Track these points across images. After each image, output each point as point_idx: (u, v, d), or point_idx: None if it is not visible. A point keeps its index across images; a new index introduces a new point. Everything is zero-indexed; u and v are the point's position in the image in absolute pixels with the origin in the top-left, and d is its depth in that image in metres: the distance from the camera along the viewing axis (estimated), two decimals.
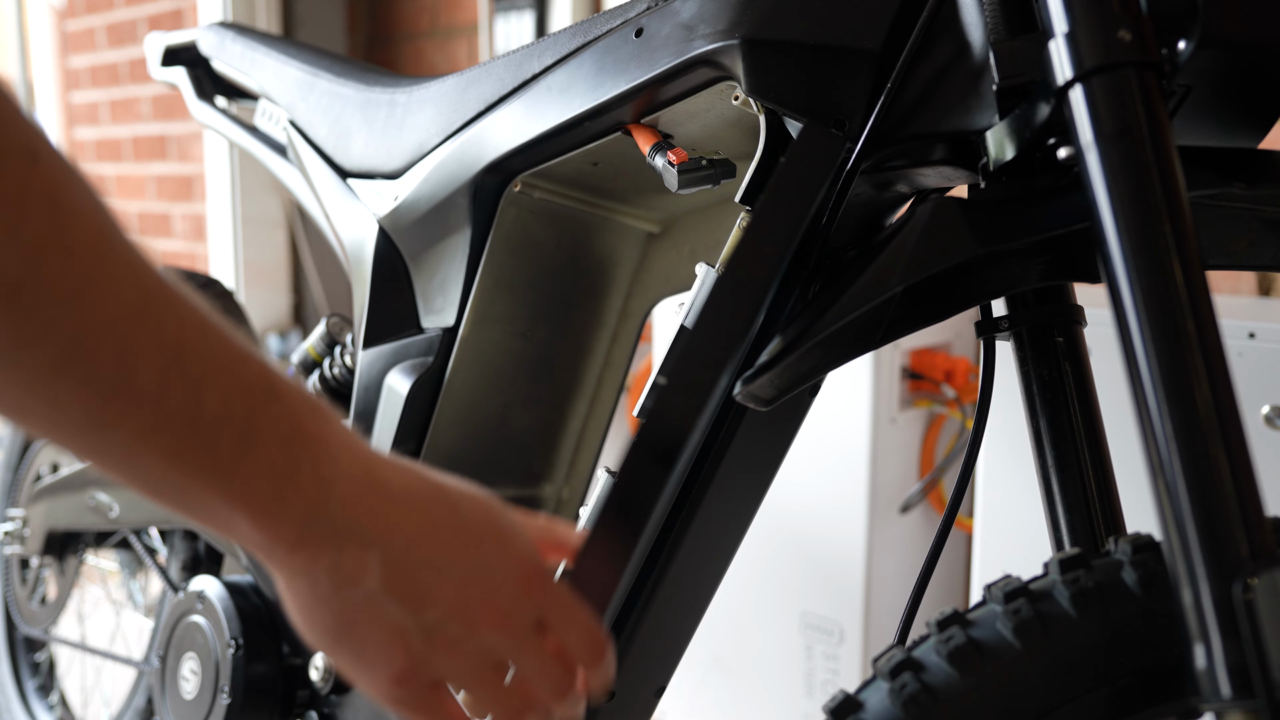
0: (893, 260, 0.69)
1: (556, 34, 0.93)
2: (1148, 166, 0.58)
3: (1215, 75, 0.67)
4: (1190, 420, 0.55)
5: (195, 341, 0.42)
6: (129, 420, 0.40)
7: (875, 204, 0.83)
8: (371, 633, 0.49)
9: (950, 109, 0.72)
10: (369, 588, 0.48)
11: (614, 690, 0.87)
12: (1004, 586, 0.61)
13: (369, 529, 0.47)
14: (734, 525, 0.88)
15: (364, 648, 0.49)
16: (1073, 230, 0.68)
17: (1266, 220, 0.69)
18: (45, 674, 1.87)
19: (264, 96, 1.27)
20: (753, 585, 1.86)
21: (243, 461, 0.43)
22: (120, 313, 0.39)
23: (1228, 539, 0.53)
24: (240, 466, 0.43)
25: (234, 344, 0.44)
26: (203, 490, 0.43)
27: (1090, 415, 0.76)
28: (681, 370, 0.78)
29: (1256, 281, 1.67)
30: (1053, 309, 0.77)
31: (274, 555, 0.47)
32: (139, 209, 3.60)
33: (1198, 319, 0.56)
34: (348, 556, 0.47)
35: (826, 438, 1.75)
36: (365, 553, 0.47)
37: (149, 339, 0.40)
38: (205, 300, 0.44)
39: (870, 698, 0.61)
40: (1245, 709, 0.52)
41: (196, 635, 1.11)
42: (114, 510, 1.38)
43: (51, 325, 0.38)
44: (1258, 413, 1.24)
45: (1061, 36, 0.61)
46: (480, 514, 0.52)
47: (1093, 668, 0.58)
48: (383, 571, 0.47)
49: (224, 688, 1.06)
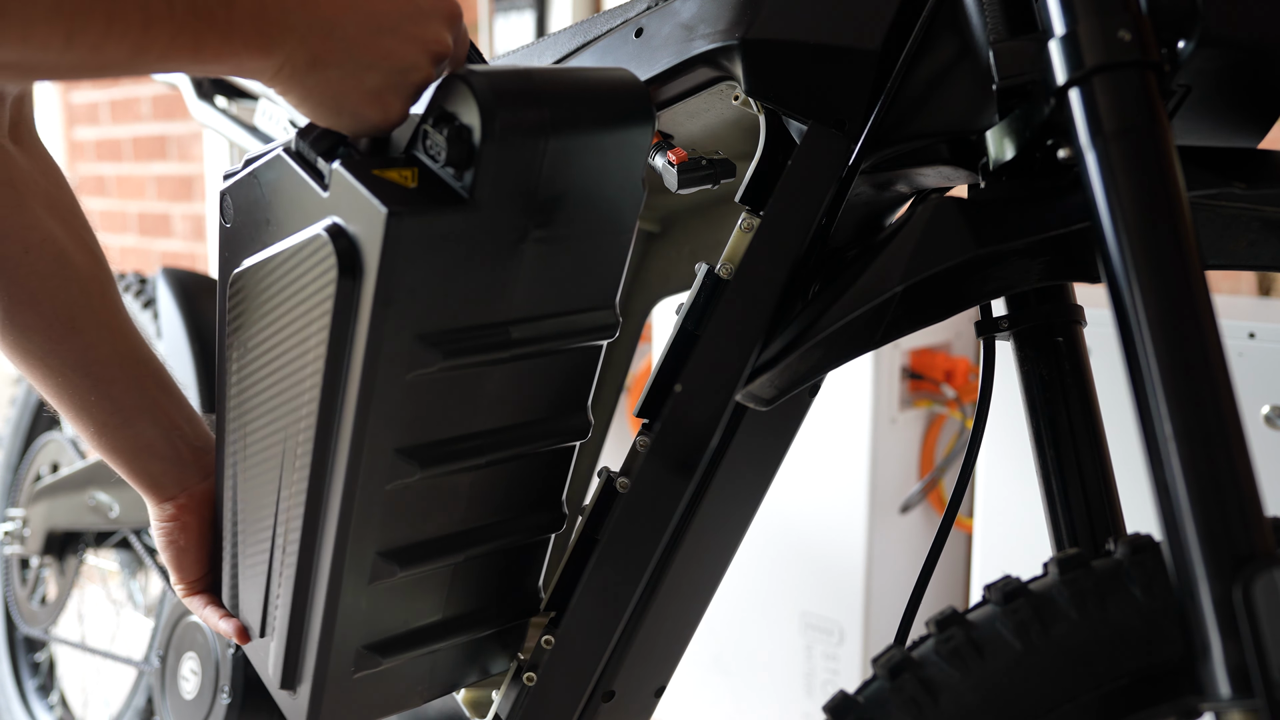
0: (893, 260, 0.69)
1: (556, 34, 0.93)
2: (1147, 166, 0.58)
3: (1215, 75, 0.67)
4: (1190, 420, 0.55)
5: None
6: (159, 38, 0.59)
7: (875, 204, 0.83)
8: (354, 86, 0.67)
9: (950, 109, 0.72)
10: (335, 60, 0.65)
11: (614, 690, 0.87)
12: (1004, 587, 0.61)
13: (314, 17, 0.64)
14: (734, 525, 0.89)
15: (359, 102, 0.67)
16: (1072, 230, 0.68)
17: (1266, 220, 0.69)
18: (45, 674, 1.88)
19: (264, 96, 1.27)
20: (753, 585, 1.86)
21: (234, 19, 0.61)
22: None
23: (1227, 539, 0.53)
24: (234, 25, 0.61)
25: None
26: (216, 52, 0.61)
27: (1090, 415, 0.76)
28: (697, 377, 0.78)
29: (1256, 281, 1.67)
30: (1053, 309, 0.77)
31: (277, 78, 0.64)
32: (139, 209, 3.60)
33: (1198, 319, 0.56)
34: (312, 41, 0.64)
35: (826, 438, 1.75)
36: (326, 33, 0.65)
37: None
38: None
39: (870, 698, 0.61)
40: (1245, 709, 0.52)
41: (196, 635, 1.11)
42: (114, 510, 1.38)
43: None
44: (1258, 413, 1.24)
45: (1061, 36, 0.61)
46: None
47: (1093, 668, 0.58)
48: (334, 45, 0.65)
49: (224, 688, 1.06)
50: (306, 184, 0.69)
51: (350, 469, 0.70)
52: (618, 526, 0.81)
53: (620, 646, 0.84)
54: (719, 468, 0.80)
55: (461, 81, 0.66)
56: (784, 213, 0.76)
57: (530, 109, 0.67)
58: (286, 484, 0.75)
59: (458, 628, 0.84)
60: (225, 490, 0.82)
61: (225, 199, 0.77)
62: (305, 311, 0.69)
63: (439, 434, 0.73)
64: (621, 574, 0.82)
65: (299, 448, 0.73)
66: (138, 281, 1.70)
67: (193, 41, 0.60)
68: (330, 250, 0.66)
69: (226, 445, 0.81)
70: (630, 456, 0.81)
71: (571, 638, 0.83)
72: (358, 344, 0.68)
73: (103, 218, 3.68)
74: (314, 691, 0.79)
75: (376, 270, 0.65)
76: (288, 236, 0.70)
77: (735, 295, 0.77)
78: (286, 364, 0.73)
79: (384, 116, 0.68)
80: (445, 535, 0.79)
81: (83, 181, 3.77)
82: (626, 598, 0.82)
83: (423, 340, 0.68)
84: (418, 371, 0.69)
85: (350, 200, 0.66)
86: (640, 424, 0.82)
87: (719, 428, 0.78)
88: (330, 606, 0.76)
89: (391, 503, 0.74)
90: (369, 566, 0.75)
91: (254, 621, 0.82)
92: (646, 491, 0.80)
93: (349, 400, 0.69)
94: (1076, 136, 0.60)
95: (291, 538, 0.76)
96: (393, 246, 0.64)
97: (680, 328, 0.79)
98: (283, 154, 0.71)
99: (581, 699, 0.85)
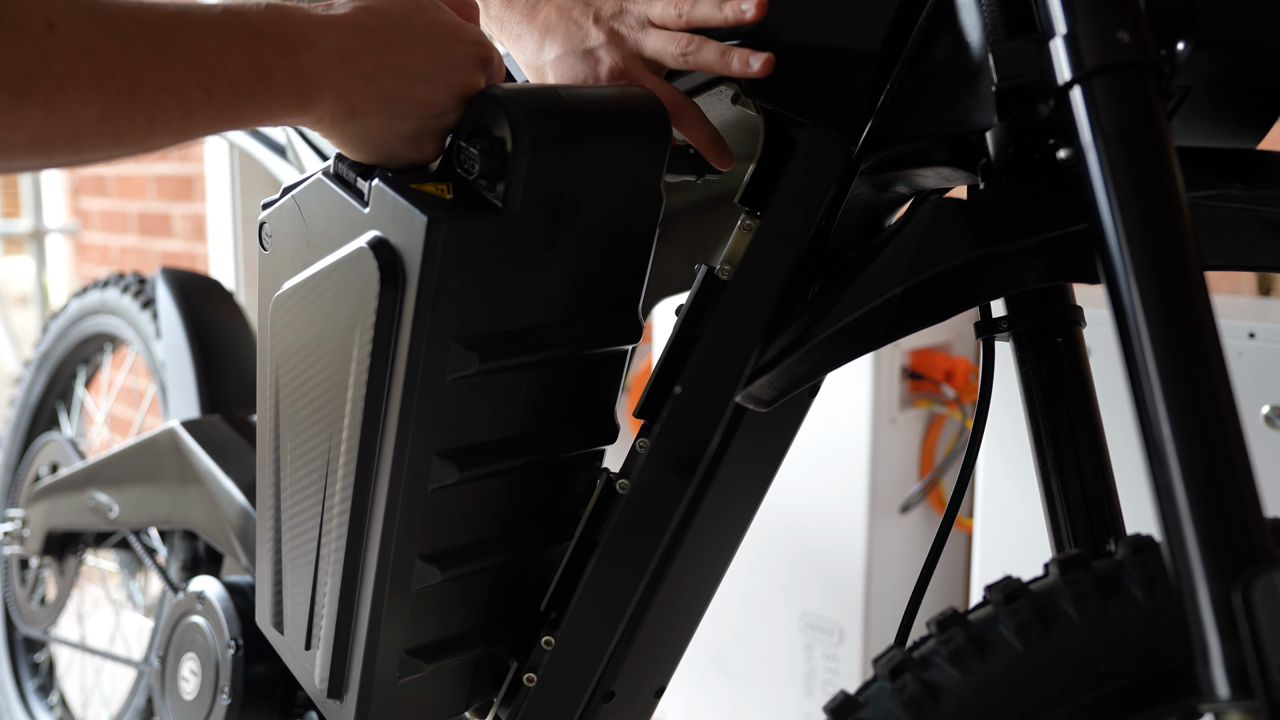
0: (892, 261, 0.69)
1: None
2: (1147, 167, 0.58)
3: (1214, 76, 0.67)
4: (1190, 420, 0.55)
5: (213, 53, 0.61)
6: (200, 122, 0.61)
7: (875, 205, 0.83)
8: (391, 132, 0.70)
9: (949, 110, 0.72)
10: (372, 111, 0.68)
11: (614, 690, 0.87)
12: (1004, 587, 0.61)
13: (351, 74, 0.67)
14: (734, 525, 0.89)
15: (395, 145, 0.71)
16: (1072, 231, 0.68)
17: (1265, 221, 0.69)
18: (45, 674, 1.87)
19: None
20: (753, 585, 1.86)
21: (272, 90, 0.63)
22: (187, 64, 0.60)
23: (1227, 540, 0.53)
24: (272, 94, 0.64)
25: (219, 27, 0.62)
26: (256, 119, 0.64)
27: (1090, 416, 0.76)
28: (697, 378, 0.78)
29: (1256, 281, 1.67)
30: (1052, 310, 0.77)
31: (317, 126, 0.68)
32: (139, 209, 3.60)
33: (1197, 319, 0.56)
34: (349, 95, 0.67)
35: (826, 438, 1.75)
36: (362, 86, 0.68)
37: (196, 71, 0.61)
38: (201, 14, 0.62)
39: (871, 698, 0.61)
40: (1244, 709, 0.52)
41: (196, 635, 1.11)
42: (114, 510, 1.38)
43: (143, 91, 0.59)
44: (1258, 413, 1.24)
45: (1061, 37, 0.61)
46: (403, 10, 0.71)
47: (1093, 669, 0.58)
48: (370, 96, 0.68)
49: (224, 688, 1.06)
50: (346, 203, 0.73)
51: (394, 472, 0.74)
52: (618, 527, 0.81)
53: (620, 647, 0.84)
54: (718, 469, 0.80)
55: (494, 99, 0.71)
56: (783, 214, 0.76)
57: (557, 123, 0.71)
58: (330, 495, 0.78)
59: (498, 631, 0.85)
60: (266, 509, 0.85)
61: (264, 227, 0.80)
62: (348, 323, 0.73)
63: (476, 437, 0.77)
64: (621, 575, 0.82)
65: (343, 458, 0.76)
66: (137, 281, 1.70)
67: (233, 116, 0.63)
68: (373, 261, 0.70)
69: (267, 466, 0.84)
70: (630, 458, 0.81)
71: (571, 638, 0.83)
72: (400, 349, 0.71)
73: (103, 218, 3.68)
74: (361, 698, 0.81)
75: (418, 276, 0.69)
76: (328, 255, 0.74)
77: (735, 296, 0.77)
78: (329, 377, 0.76)
79: (419, 156, 0.73)
80: (483, 540, 0.82)
81: (82, 181, 3.77)
82: (626, 598, 0.82)
83: (461, 343, 0.72)
84: (457, 374, 0.72)
85: (391, 213, 0.70)
86: (640, 425, 0.82)
87: (719, 429, 0.78)
88: (375, 612, 0.78)
89: (432, 506, 0.77)
90: (412, 571, 0.78)
91: (299, 636, 0.84)
92: (646, 493, 0.80)
93: (393, 405, 0.73)
94: (1076, 137, 0.60)
95: (337, 546, 0.78)
96: (433, 251, 0.68)
97: (680, 329, 0.79)
98: (322, 177, 0.75)
99: (581, 699, 0.85)
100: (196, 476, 1.23)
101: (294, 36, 0.65)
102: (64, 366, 1.88)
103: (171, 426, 1.27)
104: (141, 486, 1.33)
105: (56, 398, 1.90)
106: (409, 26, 0.69)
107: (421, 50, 0.69)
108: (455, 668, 0.85)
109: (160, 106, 0.59)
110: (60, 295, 3.88)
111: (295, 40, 0.65)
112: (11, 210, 5.73)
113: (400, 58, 0.68)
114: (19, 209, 3.72)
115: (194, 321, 1.51)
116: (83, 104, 0.56)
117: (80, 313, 1.81)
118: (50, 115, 0.55)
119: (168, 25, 0.60)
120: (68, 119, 0.56)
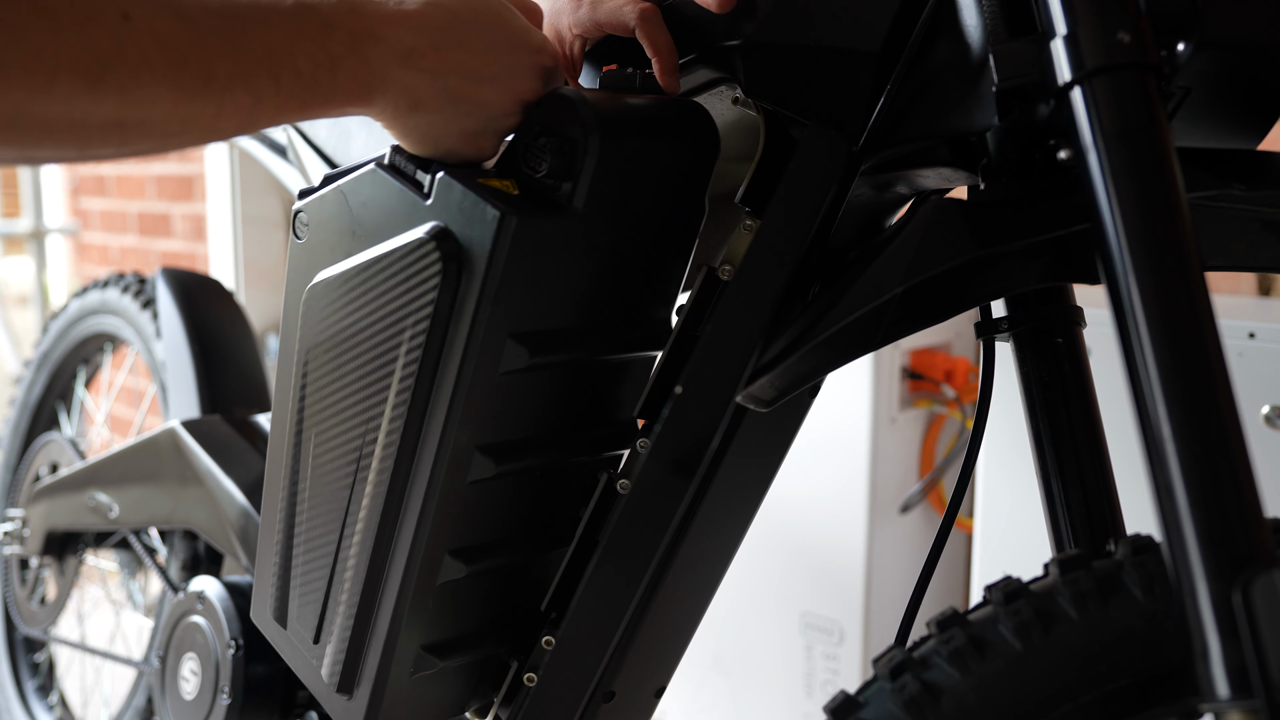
0: (893, 261, 0.69)
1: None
2: (1147, 168, 0.58)
3: (1214, 77, 0.67)
4: (1190, 420, 0.55)
5: (283, 45, 0.63)
6: (266, 110, 0.63)
7: (875, 205, 0.83)
8: (452, 129, 0.72)
9: (950, 110, 0.72)
10: (436, 107, 0.70)
11: (614, 690, 0.87)
12: (1005, 587, 0.61)
13: (417, 70, 0.68)
14: (734, 525, 0.89)
15: (455, 142, 0.72)
16: (1072, 231, 0.68)
17: (1266, 221, 0.69)
18: (45, 674, 1.88)
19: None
20: (753, 585, 1.86)
21: (337, 81, 0.65)
22: (258, 55, 0.62)
23: (1227, 540, 0.53)
24: (337, 86, 0.65)
25: (290, 19, 0.63)
26: (320, 110, 0.66)
27: (1090, 416, 0.76)
28: (697, 378, 0.78)
29: (1256, 281, 1.68)
30: (1052, 310, 0.77)
31: (380, 117, 0.69)
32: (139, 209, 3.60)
33: (1198, 319, 0.56)
34: (414, 90, 0.68)
35: (826, 438, 1.75)
36: (428, 83, 0.69)
37: (266, 63, 0.62)
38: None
39: (871, 698, 0.61)
40: (1244, 709, 0.52)
41: (196, 635, 1.11)
42: (114, 510, 1.38)
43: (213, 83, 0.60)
44: (1258, 413, 1.25)
45: (1061, 38, 0.61)
46: (474, 11, 0.71)
47: (1093, 669, 0.58)
48: (435, 93, 0.69)
49: (224, 688, 1.06)
50: (404, 193, 0.73)
51: (435, 464, 0.75)
52: (618, 528, 0.81)
53: (620, 647, 0.85)
54: (719, 469, 0.80)
55: (566, 101, 0.72)
56: (784, 214, 0.76)
57: (624, 130, 0.74)
58: (361, 485, 0.78)
59: (508, 630, 0.86)
60: (275, 501, 0.85)
61: (299, 215, 0.80)
62: (400, 312, 0.73)
63: (516, 433, 0.78)
64: (622, 575, 0.82)
65: (380, 449, 0.76)
66: (137, 281, 1.70)
67: (299, 107, 0.64)
68: (435, 252, 0.70)
69: (281, 456, 0.83)
70: (630, 458, 0.81)
71: (572, 638, 0.83)
72: (455, 341, 0.72)
73: (103, 217, 3.68)
74: (373, 694, 0.81)
75: (484, 269, 0.70)
76: (378, 244, 0.74)
77: (735, 296, 0.77)
78: (369, 366, 0.76)
79: (477, 154, 0.74)
80: (507, 537, 0.82)
81: (82, 181, 3.77)
82: (627, 598, 0.82)
83: (516, 339, 0.73)
84: (508, 369, 0.74)
85: (457, 205, 0.71)
86: (640, 425, 0.82)
87: (719, 429, 0.78)
88: (399, 606, 0.79)
89: (468, 500, 0.78)
90: (440, 565, 0.79)
91: (307, 630, 0.84)
92: (646, 493, 0.80)
93: (441, 396, 0.73)
94: (1076, 138, 0.60)
95: (364, 538, 0.78)
96: (502, 245, 0.69)
97: (680, 329, 0.79)
98: (376, 168, 0.75)
99: (582, 699, 0.85)
100: (197, 476, 1.23)
101: (363, 30, 0.66)
102: (64, 366, 1.88)
103: (172, 426, 1.27)
104: (142, 486, 1.33)
105: (56, 398, 1.90)
106: (478, 27, 0.70)
107: (489, 54, 0.70)
108: (462, 667, 0.86)
109: (230, 95, 0.60)
110: (60, 295, 3.88)
111: (364, 34, 0.66)
112: (11, 210, 5.73)
113: (467, 58, 0.70)
114: (19, 209, 3.72)
115: (194, 321, 1.51)
116: (156, 92, 0.58)
117: (80, 313, 1.81)
118: (125, 103, 0.57)
119: (239, 17, 0.61)
120: (141, 106, 0.57)
